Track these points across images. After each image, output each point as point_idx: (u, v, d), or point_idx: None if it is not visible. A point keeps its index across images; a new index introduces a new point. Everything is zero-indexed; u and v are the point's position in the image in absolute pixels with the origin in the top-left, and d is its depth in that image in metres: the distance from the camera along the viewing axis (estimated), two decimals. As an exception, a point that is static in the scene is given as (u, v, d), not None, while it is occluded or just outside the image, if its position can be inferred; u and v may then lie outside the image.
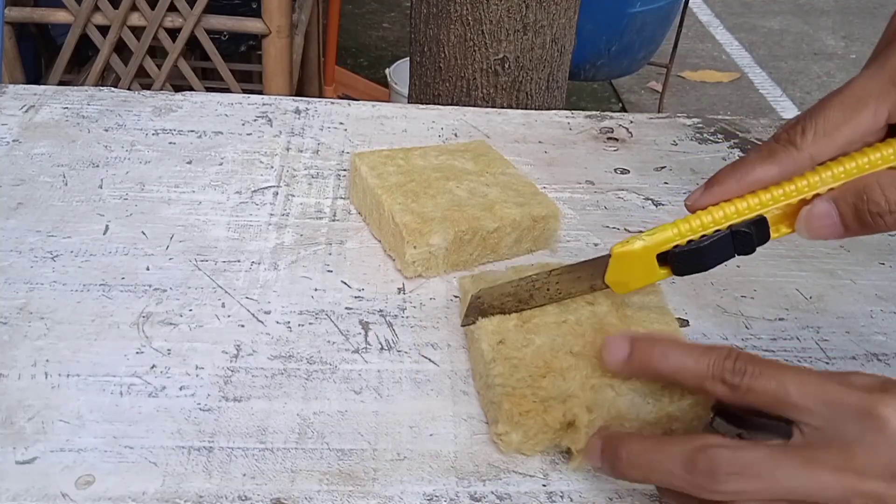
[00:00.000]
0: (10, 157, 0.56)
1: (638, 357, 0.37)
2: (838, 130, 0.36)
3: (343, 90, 2.14)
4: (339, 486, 0.36)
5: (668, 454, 0.33)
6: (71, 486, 0.35)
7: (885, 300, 0.50)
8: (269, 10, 1.16)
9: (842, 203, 0.36)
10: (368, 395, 0.41)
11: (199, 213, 0.53)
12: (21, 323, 0.43)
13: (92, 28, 1.16)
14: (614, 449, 0.34)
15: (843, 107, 0.36)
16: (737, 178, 0.38)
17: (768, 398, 0.33)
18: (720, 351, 0.35)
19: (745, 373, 0.33)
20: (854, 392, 0.31)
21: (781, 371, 0.33)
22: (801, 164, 0.37)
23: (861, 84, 0.37)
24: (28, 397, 0.39)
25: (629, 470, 0.34)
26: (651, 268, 0.39)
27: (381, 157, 0.53)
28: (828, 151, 0.36)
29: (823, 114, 0.36)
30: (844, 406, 0.31)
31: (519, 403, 0.37)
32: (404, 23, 2.91)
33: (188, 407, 0.39)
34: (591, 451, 0.36)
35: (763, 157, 0.38)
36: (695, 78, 2.82)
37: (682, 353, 0.35)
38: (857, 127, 0.36)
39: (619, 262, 0.40)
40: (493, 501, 0.36)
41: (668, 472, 0.32)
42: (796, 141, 0.37)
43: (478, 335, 0.41)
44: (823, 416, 0.32)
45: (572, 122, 0.67)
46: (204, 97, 0.66)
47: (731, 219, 0.38)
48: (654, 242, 0.39)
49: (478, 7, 0.84)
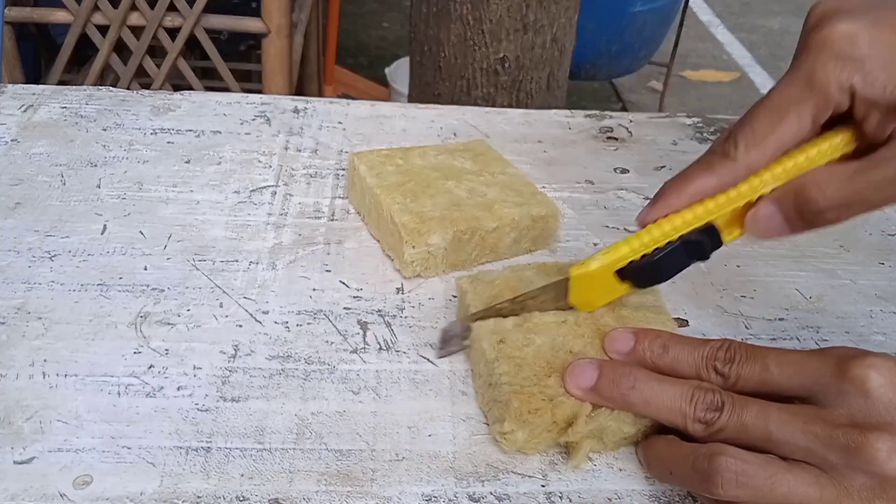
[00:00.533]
0: (9, 157, 0.56)
1: (604, 385, 0.37)
2: (767, 139, 0.37)
3: (343, 90, 2.14)
4: (338, 487, 0.36)
5: (681, 456, 0.35)
6: (69, 487, 0.35)
7: (884, 300, 0.50)
8: (268, 10, 1.16)
9: (783, 203, 0.38)
10: (367, 395, 0.41)
11: (197, 213, 0.53)
12: (19, 323, 0.43)
13: (91, 28, 1.16)
14: (645, 447, 0.38)
15: (769, 115, 0.37)
16: (678, 192, 0.39)
17: (754, 431, 0.34)
18: (692, 383, 0.36)
19: (722, 408, 0.35)
20: (830, 361, 0.34)
21: (763, 406, 0.34)
22: (738, 174, 0.38)
23: (781, 91, 0.37)
24: (26, 397, 0.39)
25: (651, 466, 0.37)
26: (612, 284, 0.40)
27: (379, 157, 0.53)
28: (761, 160, 0.38)
29: (751, 124, 0.38)
30: (823, 377, 0.34)
31: (528, 402, 0.37)
32: (404, 22, 2.91)
33: (186, 407, 0.39)
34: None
35: (702, 169, 0.39)
36: (695, 77, 2.82)
37: (658, 384, 0.36)
38: (785, 134, 0.37)
39: (579, 283, 0.40)
40: (492, 502, 0.36)
41: (681, 473, 0.35)
42: (730, 152, 0.38)
43: (477, 335, 0.41)
44: (810, 392, 0.34)
45: (572, 121, 0.67)
46: (202, 96, 0.65)
47: (680, 230, 0.39)
48: (609, 261, 0.39)
49: (478, 6, 0.84)
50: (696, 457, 0.34)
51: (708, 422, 0.35)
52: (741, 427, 0.34)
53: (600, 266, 0.40)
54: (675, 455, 0.35)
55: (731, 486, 0.32)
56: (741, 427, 0.34)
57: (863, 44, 0.35)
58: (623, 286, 0.40)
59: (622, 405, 0.37)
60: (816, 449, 0.32)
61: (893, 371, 0.33)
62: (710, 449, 0.34)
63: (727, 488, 0.33)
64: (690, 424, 0.35)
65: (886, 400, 0.32)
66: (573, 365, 0.38)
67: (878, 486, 0.31)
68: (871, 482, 0.32)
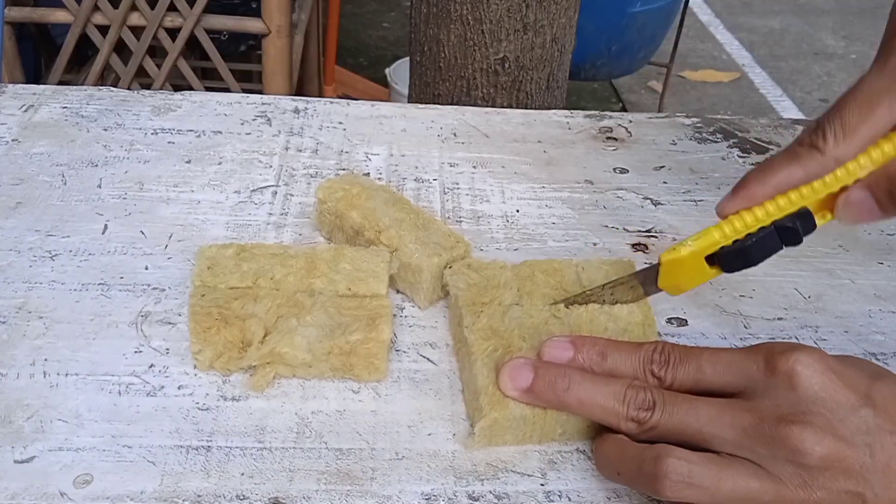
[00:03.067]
0: (10, 157, 0.56)
1: (540, 387, 0.37)
2: (857, 131, 0.37)
3: (343, 90, 2.14)
4: (338, 486, 0.36)
5: (628, 458, 0.35)
6: (69, 486, 0.35)
7: (883, 300, 0.50)
8: (268, 10, 1.16)
9: (876, 189, 0.38)
10: (367, 394, 0.41)
11: (197, 213, 0.53)
12: (20, 322, 0.43)
13: (92, 28, 1.16)
14: (594, 448, 0.38)
15: (859, 107, 0.38)
16: (763, 182, 0.39)
17: (684, 429, 0.35)
18: (625, 382, 0.36)
19: (654, 407, 0.35)
20: (759, 357, 0.35)
21: (693, 403, 0.35)
22: (827, 167, 0.38)
23: (871, 83, 0.38)
24: (27, 396, 0.39)
25: (600, 466, 0.37)
26: (701, 269, 0.41)
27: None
28: (851, 152, 0.38)
29: (841, 116, 0.38)
30: (752, 372, 0.35)
31: (202, 321, 0.41)
32: (404, 22, 2.91)
33: (186, 406, 0.39)
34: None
35: (788, 160, 0.39)
36: (695, 77, 2.82)
37: (592, 384, 0.37)
38: (876, 125, 0.37)
39: (668, 269, 0.41)
40: (492, 501, 0.36)
41: (628, 475, 0.35)
42: (819, 145, 0.38)
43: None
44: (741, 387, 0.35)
45: (571, 121, 0.67)
46: (203, 97, 0.66)
47: (773, 216, 0.39)
48: (700, 247, 0.40)
49: (478, 6, 0.84)
50: (642, 459, 0.34)
51: (640, 420, 0.35)
52: (673, 424, 0.35)
53: (691, 252, 0.40)
54: (622, 456, 0.36)
55: (678, 488, 0.33)
56: (673, 424, 0.35)
57: None
58: (711, 271, 0.41)
59: (557, 406, 0.37)
60: (745, 442, 0.33)
61: (819, 364, 0.34)
62: (655, 451, 0.34)
63: (675, 490, 0.33)
64: (624, 423, 0.36)
65: (812, 393, 0.33)
66: (509, 365, 0.38)
67: (808, 474, 0.32)
68: (800, 471, 0.32)
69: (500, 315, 0.42)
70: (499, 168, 0.60)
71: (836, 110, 0.38)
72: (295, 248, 0.46)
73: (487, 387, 0.38)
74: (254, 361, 0.40)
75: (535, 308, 0.43)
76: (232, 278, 0.43)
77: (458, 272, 0.45)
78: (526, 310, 0.43)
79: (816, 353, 0.34)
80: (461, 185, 0.58)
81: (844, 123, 0.38)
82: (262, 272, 0.44)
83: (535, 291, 0.44)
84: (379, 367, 0.41)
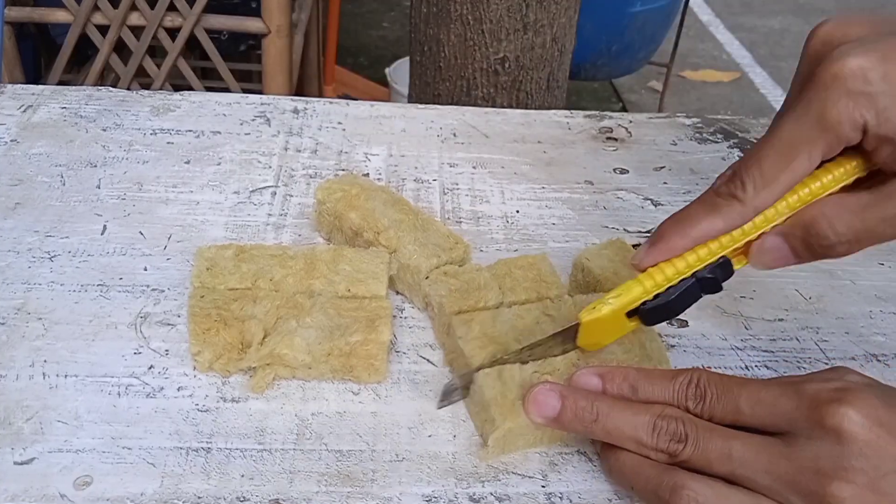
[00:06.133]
0: (8, 157, 0.56)
1: (567, 417, 0.37)
2: (777, 180, 0.37)
3: (343, 90, 2.14)
4: (338, 488, 0.36)
5: (645, 477, 0.35)
6: (69, 487, 0.35)
7: (884, 301, 0.50)
8: (268, 10, 1.16)
9: (791, 237, 0.38)
10: (367, 395, 0.41)
11: (196, 213, 0.53)
12: (19, 323, 0.43)
13: (91, 28, 1.16)
14: (608, 453, 0.37)
15: (778, 155, 0.37)
16: (682, 235, 0.38)
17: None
18: (655, 411, 0.36)
19: (686, 440, 0.34)
20: (804, 403, 0.33)
21: (728, 440, 0.34)
22: (746, 216, 0.37)
23: (790, 129, 0.36)
24: (26, 398, 0.39)
25: (613, 474, 0.37)
26: (621, 324, 0.39)
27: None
28: (770, 200, 0.37)
29: (760, 165, 0.37)
30: (796, 420, 0.33)
31: (202, 322, 0.40)
32: (404, 22, 2.91)
33: (186, 408, 0.39)
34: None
35: (706, 211, 0.38)
36: (695, 77, 2.82)
37: (620, 414, 0.36)
38: (794, 173, 0.37)
39: (588, 328, 0.39)
40: (492, 502, 0.36)
41: (642, 493, 0.35)
42: (738, 194, 0.37)
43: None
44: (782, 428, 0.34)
45: (571, 121, 0.67)
46: (202, 97, 0.65)
47: (694, 267, 0.38)
48: (622, 304, 0.38)
49: (478, 6, 0.84)
50: (659, 483, 0.34)
51: (672, 452, 0.35)
52: (705, 461, 0.34)
53: (612, 310, 0.38)
54: (639, 474, 0.35)
55: None
56: (705, 461, 0.34)
57: (875, 79, 0.34)
58: (631, 323, 0.39)
59: (585, 435, 0.37)
60: (779, 489, 0.32)
61: (868, 421, 0.32)
62: (673, 480, 0.34)
63: None
64: (654, 455, 0.35)
65: (857, 450, 0.32)
66: (535, 392, 0.37)
67: None
68: None
69: (490, 320, 0.42)
70: (499, 168, 0.60)
71: (754, 157, 0.37)
72: (294, 249, 0.46)
73: (496, 397, 0.38)
74: (253, 363, 0.40)
75: (524, 308, 0.43)
76: (231, 279, 0.43)
77: (437, 280, 0.45)
78: (515, 311, 0.43)
79: (866, 408, 0.32)
80: (461, 185, 0.58)
81: (764, 173, 0.37)
82: (261, 273, 0.44)
83: (516, 287, 0.45)
84: (379, 369, 0.41)
